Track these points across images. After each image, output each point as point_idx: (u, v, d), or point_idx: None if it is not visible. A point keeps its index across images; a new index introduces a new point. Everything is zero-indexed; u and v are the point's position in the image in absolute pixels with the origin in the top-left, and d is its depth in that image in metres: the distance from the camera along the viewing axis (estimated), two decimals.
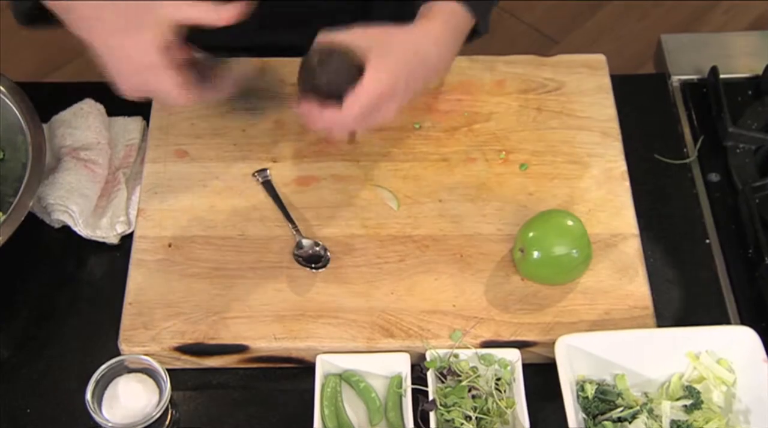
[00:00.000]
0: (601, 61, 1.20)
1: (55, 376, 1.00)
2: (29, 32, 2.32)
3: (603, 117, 1.15)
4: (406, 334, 0.98)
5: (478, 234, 1.06)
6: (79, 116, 1.13)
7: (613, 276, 1.02)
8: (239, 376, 1.00)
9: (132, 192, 1.12)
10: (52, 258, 1.10)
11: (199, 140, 1.13)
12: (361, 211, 1.07)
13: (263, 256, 1.04)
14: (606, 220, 1.06)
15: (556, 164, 1.11)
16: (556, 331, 0.98)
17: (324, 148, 1.12)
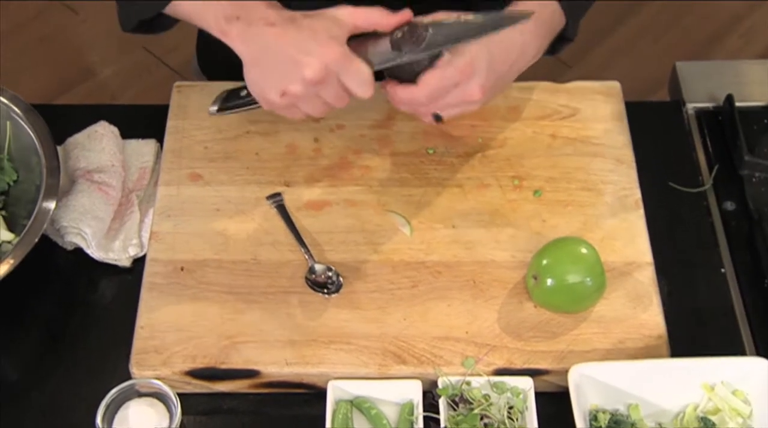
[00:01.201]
0: (616, 87, 1.20)
1: (65, 399, 1.00)
2: (39, 53, 2.32)
3: (617, 144, 1.14)
4: (418, 361, 0.98)
5: (492, 260, 1.05)
6: (94, 138, 1.14)
7: (627, 304, 1.01)
8: (250, 401, 1.00)
9: (145, 214, 1.12)
10: (64, 280, 1.10)
11: (213, 164, 1.13)
12: (374, 236, 1.07)
13: (275, 281, 1.04)
14: (620, 248, 1.06)
15: (570, 191, 1.11)
16: (569, 360, 0.97)
17: (337, 173, 1.12)
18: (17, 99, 1.09)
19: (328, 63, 0.91)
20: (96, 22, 2.57)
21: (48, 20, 2.56)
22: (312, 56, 0.91)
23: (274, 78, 0.94)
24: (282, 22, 0.93)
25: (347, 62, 0.92)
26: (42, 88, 2.35)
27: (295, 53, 0.92)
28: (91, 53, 2.52)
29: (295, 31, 0.92)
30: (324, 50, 0.91)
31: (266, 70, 0.95)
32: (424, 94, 0.96)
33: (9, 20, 2.54)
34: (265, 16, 0.94)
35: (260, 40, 0.94)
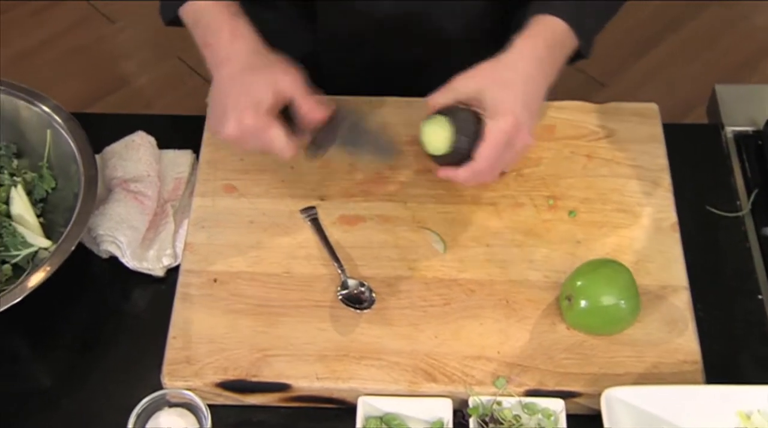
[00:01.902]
0: (653, 109, 1.19)
1: (96, 407, 1.00)
2: (75, 62, 2.36)
3: (654, 166, 1.13)
4: (449, 379, 0.97)
5: (525, 280, 1.05)
6: (131, 148, 1.15)
7: (662, 328, 1.00)
8: (280, 415, 1.00)
9: (179, 225, 1.12)
10: (98, 288, 1.11)
11: (248, 176, 1.14)
12: (407, 252, 1.07)
13: (308, 295, 1.04)
14: (655, 272, 1.05)
15: (606, 212, 1.10)
16: (601, 383, 0.96)
17: (371, 188, 1.12)
18: (59, 108, 1.10)
19: (243, 128, 0.98)
20: (133, 32, 2.60)
21: (86, 29, 2.60)
22: (231, 117, 0.99)
23: (214, 116, 1.02)
24: (232, 69, 1.01)
25: (260, 131, 0.98)
26: (77, 95, 2.38)
27: (224, 107, 0.99)
28: (127, 62, 2.54)
29: (234, 85, 1.00)
30: (241, 115, 0.98)
31: (212, 104, 1.03)
32: (485, 167, 1.00)
33: (48, 29, 2.57)
34: (225, 54, 1.02)
35: (215, 72, 1.03)
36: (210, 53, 1.03)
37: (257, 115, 0.98)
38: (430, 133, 1.01)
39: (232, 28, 1.03)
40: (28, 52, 2.53)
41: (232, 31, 1.02)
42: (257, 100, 0.98)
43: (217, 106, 1.01)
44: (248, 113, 0.98)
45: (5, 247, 1.04)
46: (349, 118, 1.05)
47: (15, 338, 1.06)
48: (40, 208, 1.10)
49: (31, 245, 1.05)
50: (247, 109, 0.98)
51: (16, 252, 1.04)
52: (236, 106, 0.98)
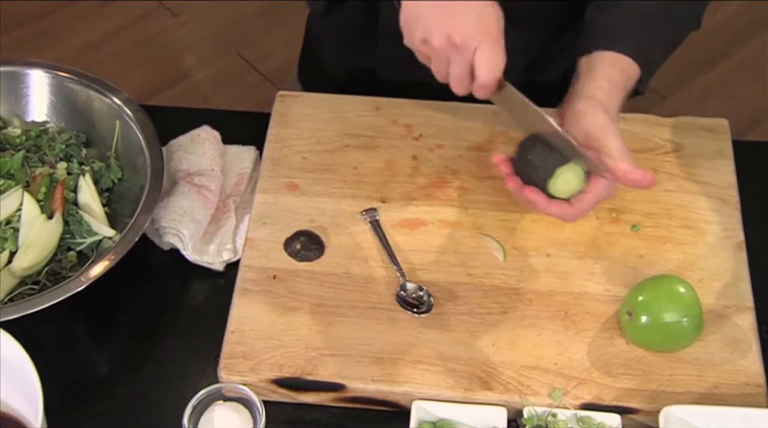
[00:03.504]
0: (723, 125, 1.17)
1: (152, 397, 1.01)
2: (137, 55, 2.38)
3: (722, 183, 1.12)
4: (504, 388, 0.97)
5: (585, 292, 1.04)
6: (196, 142, 1.16)
7: (725, 349, 0.99)
8: (333, 415, 1.00)
9: (240, 220, 1.13)
10: (158, 279, 1.12)
11: (310, 175, 1.14)
12: (467, 258, 1.07)
13: (365, 296, 1.04)
14: (720, 290, 1.03)
15: (670, 228, 1.09)
16: (660, 400, 0.95)
17: (433, 193, 1.12)
18: (129, 100, 1.12)
19: (475, 32, 0.92)
20: (195, 26, 2.63)
21: (149, 23, 2.63)
22: (461, 20, 0.92)
23: (425, 23, 0.94)
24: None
25: (490, 41, 0.92)
26: (137, 88, 2.41)
27: (451, 11, 0.93)
28: (187, 56, 2.57)
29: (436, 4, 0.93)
30: (478, 21, 0.92)
31: (422, 11, 0.95)
32: (577, 213, 1.00)
33: (112, 22, 2.61)
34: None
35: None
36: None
37: (468, 33, 0.93)
38: (564, 181, 0.99)
39: None
40: (92, 43, 2.57)
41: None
42: (465, 23, 0.92)
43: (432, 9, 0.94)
44: (486, 20, 0.93)
45: (71, 234, 1.06)
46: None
47: (76, 324, 1.07)
48: (105, 198, 1.11)
49: (96, 234, 1.06)
50: (485, 18, 0.93)
51: (82, 239, 1.06)
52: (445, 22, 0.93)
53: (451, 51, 0.94)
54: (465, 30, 0.93)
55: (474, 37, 0.93)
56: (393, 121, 1.19)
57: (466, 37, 0.93)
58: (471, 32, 0.93)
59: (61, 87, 1.15)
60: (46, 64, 1.16)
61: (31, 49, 2.54)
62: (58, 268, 1.05)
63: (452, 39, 0.93)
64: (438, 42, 0.94)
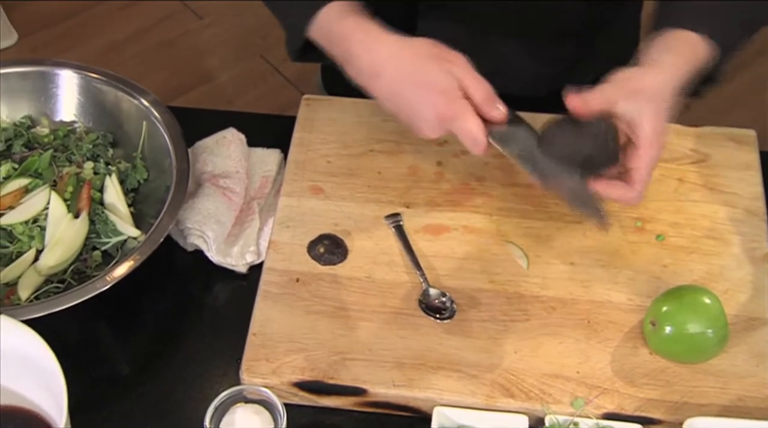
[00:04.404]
0: (750, 136, 1.17)
1: (173, 397, 1.02)
2: (161, 56, 2.39)
3: (749, 194, 1.11)
4: (526, 396, 0.96)
5: (608, 301, 1.03)
6: (222, 144, 1.16)
7: (750, 361, 0.98)
8: (354, 419, 1.00)
9: (264, 223, 1.13)
10: (181, 280, 1.12)
11: (335, 178, 1.14)
12: (490, 265, 1.06)
13: (388, 301, 1.04)
14: (745, 302, 1.02)
15: (695, 238, 1.08)
16: (683, 411, 0.94)
17: (457, 199, 1.12)
18: (157, 102, 1.12)
19: (440, 118, 0.95)
20: (218, 28, 2.64)
21: (173, 24, 2.64)
22: (424, 113, 0.96)
23: (403, 119, 1.00)
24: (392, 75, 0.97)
25: (457, 117, 0.95)
26: (160, 89, 2.40)
27: (409, 107, 0.97)
28: (211, 58, 2.58)
29: (406, 83, 0.97)
30: (435, 107, 0.95)
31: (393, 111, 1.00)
32: (640, 192, 0.97)
33: (136, 24, 2.63)
34: (376, 69, 0.98)
35: (371, 88, 1.00)
36: (355, 69, 1.00)
37: (451, 100, 0.94)
38: None
39: (366, 32, 0.99)
40: (116, 44, 2.58)
41: (367, 41, 0.99)
42: (443, 88, 0.95)
43: (401, 110, 0.99)
44: (440, 101, 0.94)
45: (97, 234, 1.06)
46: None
47: (100, 324, 1.08)
48: (131, 198, 1.12)
49: (121, 233, 1.07)
50: (438, 98, 0.94)
51: (107, 239, 1.06)
52: (424, 101, 0.95)
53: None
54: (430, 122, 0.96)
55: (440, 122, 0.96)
56: None
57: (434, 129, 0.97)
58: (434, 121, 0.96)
59: (90, 87, 1.16)
60: (76, 64, 1.17)
61: (55, 49, 2.56)
62: (83, 267, 1.05)
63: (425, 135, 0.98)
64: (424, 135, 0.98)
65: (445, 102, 0.94)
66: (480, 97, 0.96)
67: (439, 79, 0.95)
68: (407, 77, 0.96)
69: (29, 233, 1.06)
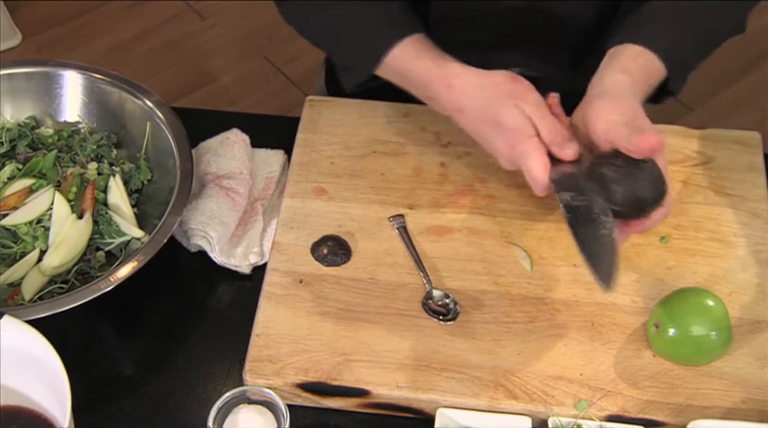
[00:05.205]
0: (755, 138, 1.16)
1: (177, 398, 1.02)
2: (165, 57, 2.40)
3: (753, 197, 1.11)
4: (529, 398, 0.96)
5: (612, 303, 1.03)
6: (226, 145, 1.16)
7: (753, 364, 0.98)
8: (357, 420, 1.00)
9: (268, 224, 1.13)
10: (185, 281, 1.12)
11: (338, 180, 1.14)
12: (494, 267, 1.06)
13: (391, 302, 1.04)
14: (749, 305, 1.02)
15: (699, 240, 1.08)
16: (687, 414, 0.94)
17: (461, 200, 1.12)
18: (161, 103, 1.13)
19: (511, 161, 1.00)
20: (222, 29, 2.65)
21: (177, 25, 2.65)
22: (500, 153, 1.01)
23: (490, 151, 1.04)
24: (469, 113, 1.01)
25: (522, 159, 0.98)
26: (164, 89, 2.41)
27: (490, 146, 1.02)
28: (214, 59, 2.58)
29: (481, 126, 1.01)
30: (508, 149, 0.99)
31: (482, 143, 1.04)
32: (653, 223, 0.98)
33: (140, 24, 2.63)
34: (454, 105, 1.02)
35: (456, 119, 1.04)
36: (438, 106, 1.05)
37: (521, 139, 0.97)
38: None
39: (443, 77, 1.02)
40: (121, 44, 2.59)
41: (445, 80, 1.02)
42: (515, 127, 0.98)
43: (483, 143, 1.03)
44: (512, 139, 0.98)
45: (100, 234, 1.06)
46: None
47: (103, 324, 1.08)
48: (135, 199, 1.12)
49: (125, 234, 1.07)
50: (510, 136, 0.98)
51: (111, 240, 1.06)
52: (497, 137, 0.99)
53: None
54: (503, 158, 1.01)
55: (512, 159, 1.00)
56: (422, 128, 1.19)
57: (508, 164, 1.01)
58: (507, 159, 1.00)
59: (94, 88, 1.16)
60: (80, 65, 1.17)
61: (60, 49, 2.56)
62: (86, 268, 1.06)
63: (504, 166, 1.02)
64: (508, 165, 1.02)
65: (516, 140, 0.98)
66: (549, 138, 0.98)
67: (512, 118, 0.98)
68: (484, 114, 1.00)
69: (33, 233, 1.06)
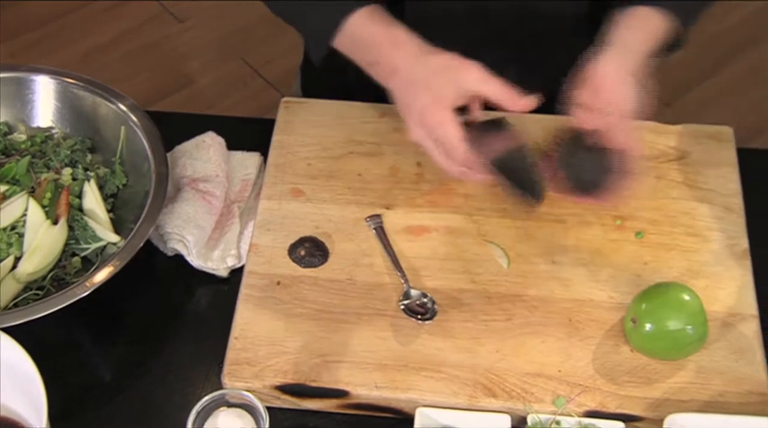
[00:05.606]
0: (728, 133, 1.17)
1: (155, 403, 1.01)
2: (142, 60, 2.38)
3: (727, 191, 1.12)
4: (508, 395, 0.97)
5: (590, 299, 1.04)
6: (201, 148, 1.16)
7: (729, 357, 0.99)
8: (336, 421, 1.00)
9: (245, 226, 1.13)
10: (162, 285, 1.12)
11: (315, 181, 1.14)
12: (471, 265, 1.07)
13: (369, 303, 1.04)
14: (724, 298, 1.03)
15: (674, 235, 1.08)
16: (664, 408, 0.95)
17: (438, 199, 1.12)
18: (135, 107, 1.12)
19: (424, 125, 0.98)
20: (200, 31, 2.64)
21: (154, 27, 2.64)
22: (413, 119, 0.99)
23: (404, 120, 1.03)
24: (404, 74, 1.00)
25: (438, 128, 0.97)
26: (142, 93, 2.42)
27: (407, 110, 1.01)
28: (192, 62, 2.57)
29: (410, 89, 1.00)
30: (423, 113, 0.98)
31: (399, 110, 1.04)
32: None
33: (116, 27, 2.62)
34: (392, 65, 1.01)
35: (389, 84, 1.03)
36: (379, 70, 1.03)
37: (438, 109, 0.97)
38: None
39: (393, 39, 1.02)
40: (97, 48, 2.57)
41: (394, 42, 1.02)
42: (437, 94, 0.97)
43: (402, 112, 1.02)
44: (429, 109, 0.97)
45: (76, 240, 1.06)
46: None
47: (80, 330, 1.07)
48: (110, 204, 1.11)
49: (101, 239, 1.06)
50: (428, 105, 0.97)
51: (86, 245, 1.06)
52: (417, 105, 0.98)
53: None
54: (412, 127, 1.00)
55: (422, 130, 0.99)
56: (397, 128, 1.19)
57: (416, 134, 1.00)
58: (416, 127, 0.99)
59: (67, 93, 1.16)
60: (52, 69, 1.16)
61: (36, 53, 2.54)
62: (62, 274, 1.05)
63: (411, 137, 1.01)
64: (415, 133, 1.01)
65: (437, 107, 0.97)
66: (498, 95, 0.98)
67: (442, 87, 0.98)
68: (417, 76, 0.99)
69: (7, 240, 1.05)
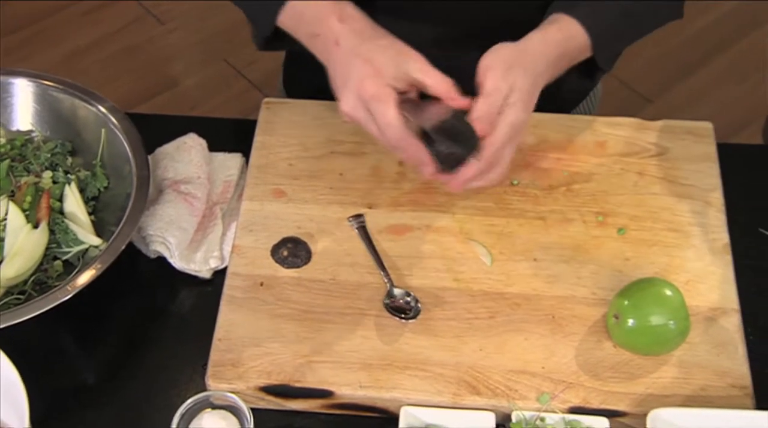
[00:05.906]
0: (708, 128, 1.18)
1: (140, 406, 1.01)
2: (125, 62, 2.38)
3: (707, 186, 1.12)
4: (492, 393, 0.97)
5: (572, 296, 1.04)
6: (183, 150, 1.15)
7: (711, 351, 0.99)
8: (321, 421, 1.00)
9: (227, 228, 1.13)
10: (145, 288, 1.11)
11: (297, 181, 1.14)
12: (454, 263, 1.07)
13: (353, 302, 1.04)
14: (705, 293, 1.03)
15: (656, 231, 1.09)
16: (648, 403, 0.95)
17: (420, 198, 1.12)
18: (114, 109, 1.12)
19: (362, 97, 0.95)
20: (182, 33, 2.63)
21: (136, 30, 2.63)
22: (349, 89, 0.96)
23: (338, 92, 0.99)
24: (346, 46, 0.98)
25: (376, 101, 0.94)
26: (125, 95, 2.41)
27: (343, 81, 0.97)
28: (175, 64, 2.57)
29: (351, 57, 0.97)
30: (361, 84, 0.94)
31: (334, 82, 1.00)
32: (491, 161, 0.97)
33: (98, 30, 2.61)
34: (335, 37, 0.98)
35: (329, 56, 1.00)
36: (320, 43, 1.00)
37: (378, 83, 0.94)
38: None
39: (339, 12, 0.99)
40: (79, 51, 2.57)
41: (340, 15, 0.99)
42: (378, 68, 0.94)
43: (337, 83, 0.98)
44: (368, 82, 0.94)
45: (57, 244, 1.05)
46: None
47: (62, 334, 1.07)
48: (91, 206, 1.11)
49: (82, 242, 1.06)
50: (368, 78, 0.94)
51: (68, 248, 1.05)
52: (356, 76, 0.94)
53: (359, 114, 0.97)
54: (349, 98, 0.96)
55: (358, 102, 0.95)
56: None
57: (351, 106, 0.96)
58: (353, 99, 0.96)
59: (46, 96, 1.15)
60: (31, 72, 1.16)
61: (17, 56, 2.54)
62: (44, 278, 1.04)
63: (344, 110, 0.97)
64: (344, 110, 0.98)
65: (374, 80, 0.94)
66: (436, 89, 0.96)
67: (385, 64, 0.95)
68: (359, 49, 0.96)
69: None
